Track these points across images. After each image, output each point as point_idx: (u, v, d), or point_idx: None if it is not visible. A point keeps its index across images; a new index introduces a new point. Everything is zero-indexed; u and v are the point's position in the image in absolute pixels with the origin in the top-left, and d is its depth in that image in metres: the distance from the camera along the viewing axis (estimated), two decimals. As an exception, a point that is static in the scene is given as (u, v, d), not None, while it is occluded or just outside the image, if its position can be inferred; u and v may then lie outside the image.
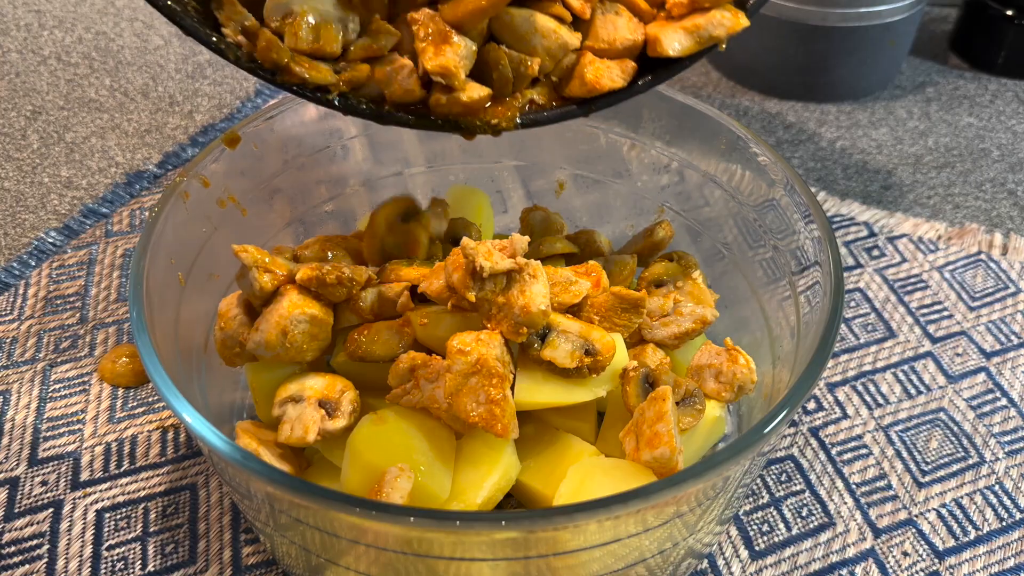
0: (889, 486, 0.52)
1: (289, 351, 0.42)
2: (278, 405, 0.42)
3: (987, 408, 0.57)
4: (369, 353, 0.43)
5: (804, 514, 0.51)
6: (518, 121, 0.41)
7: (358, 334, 0.43)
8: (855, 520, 0.51)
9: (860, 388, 0.58)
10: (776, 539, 0.50)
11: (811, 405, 0.57)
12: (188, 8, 0.38)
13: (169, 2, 0.38)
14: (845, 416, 0.56)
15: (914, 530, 0.50)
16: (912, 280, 0.65)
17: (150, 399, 0.56)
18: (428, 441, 0.40)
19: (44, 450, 0.53)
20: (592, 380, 0.43)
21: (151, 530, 0.49)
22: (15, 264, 0.65)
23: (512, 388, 0.42)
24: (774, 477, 0.53)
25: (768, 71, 0.85)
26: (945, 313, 0.63)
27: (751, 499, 0.52)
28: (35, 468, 0.52)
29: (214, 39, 0.38)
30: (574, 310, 0.45)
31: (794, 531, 0.50)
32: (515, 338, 0.41)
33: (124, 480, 0.52)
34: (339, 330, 0.45)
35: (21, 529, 0.49)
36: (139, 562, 0.48)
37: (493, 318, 0.41)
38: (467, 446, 0.41)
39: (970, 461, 0.54)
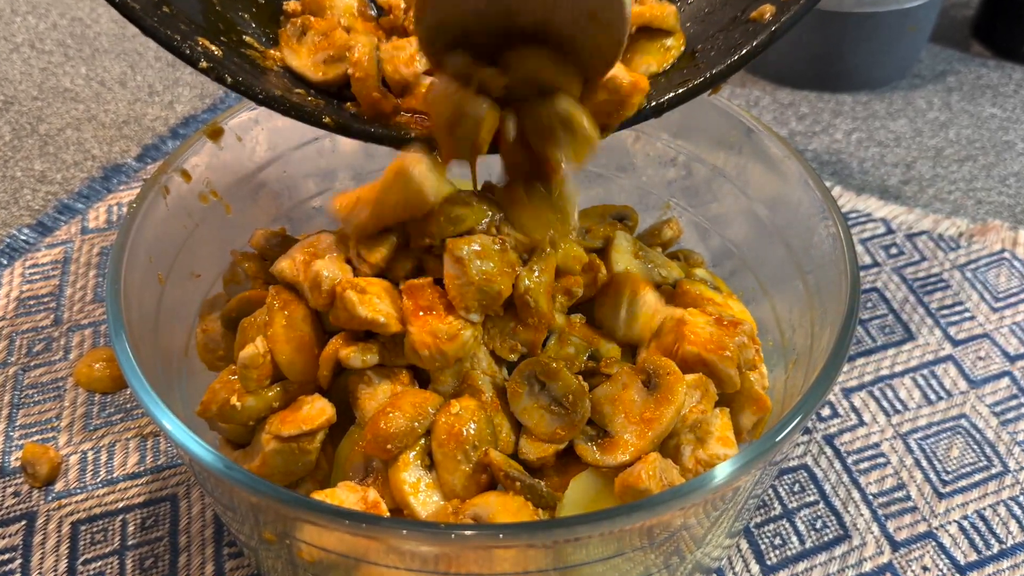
0: (908, 497, 0.52)
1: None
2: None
3: (1011, 415, 0.57)
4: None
5: (818, 526, 0.51)
6: None
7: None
8: (872, 533, 0.51)
9: (877, 393, 0.58)
10: (789, 553, 0.50)
11: (825, 411, 0.57)
12: (151, 7, 0.37)
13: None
14: (861, 423, 0.56)
15: (934, 543, 0.50)
16: (932, 279, 0.65)
17: (128, 405, 0.56)
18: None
19: (16, 459, 0.53)
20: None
21: (129, 543, 0.49)
22: (-15, 263, 0.65)
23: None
24: (787, 487, 0.53)
25: (781, 59, 0.85)
26: (967, 314, 0.63)
27: (762, 511, 0.52)
28: (7, 478, 0.52)
29: (176, 41, 0.37)
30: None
31: (808, 544, 0.50)
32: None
33: (101, 491, 0.52)
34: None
35: (-8, 543, 0.49)
36: (116, 577, 0.48)
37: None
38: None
39: (993, 471, 0.54)
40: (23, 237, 0.67)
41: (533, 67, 0.38)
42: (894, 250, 0.67)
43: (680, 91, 0.41)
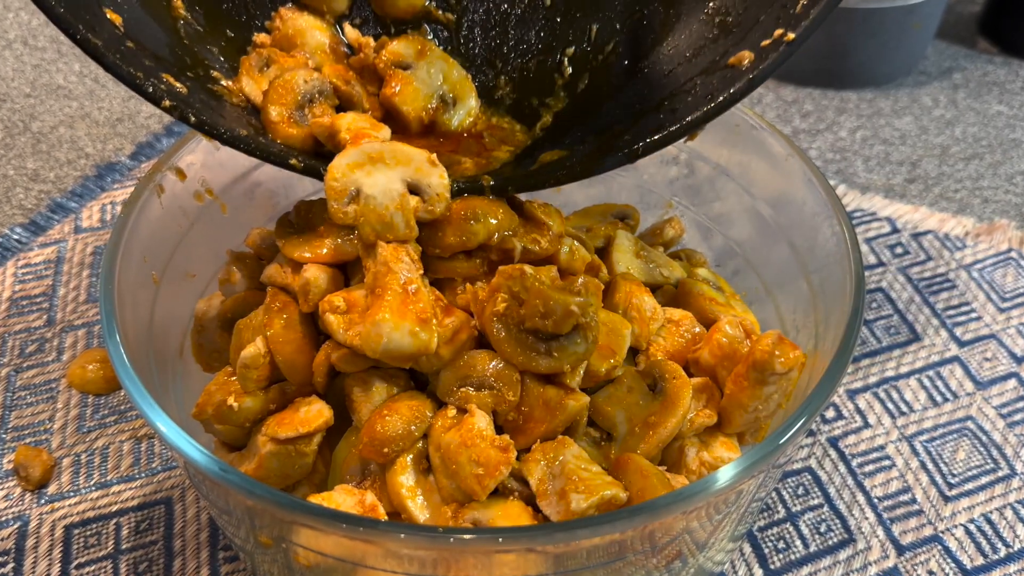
0: (913, 500, 0.52)
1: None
2: None
3: (1018, 416, 0.57)
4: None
5: (823, 530, 0.51)
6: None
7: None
8: (877, 536, 0.51)
9: (882, 395, 0.58)
10: (793, 557, 0.50)
11: (830, 413, 0.57)
12: (114, 43, 0.37)
13: (90, 35, 0.36)
14: (866, 425, 0.56)
15: (940, 547, 0.50)
16: (938, 279, 0.65)
17: (122, 407, 0.56)
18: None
19: (8, 462, 0.53)
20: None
21: (123, 547, 0.49)
22: (-23, 262, 0.65)
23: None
24: (790, 490, 0.53)
25: (784, 56, 0.84)
26: (973, 315, 0.63)
27: (766, 514, 0.52)
28: (-1, 481, 0.52)
29: (139, 79, 0.37)
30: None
31: (812, 548, 0.50)
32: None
33: (94, 494, 0.52)
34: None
35: (-16, 547, 0.49)
36: (110, 582, 0.48)
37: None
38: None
39: (1000, 473, 0.54)
40: (15, 236, 0.67)
41: None
42: (899, 249, 0.67)
43: (655, 137, 0.41)
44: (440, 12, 0.46)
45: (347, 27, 0.45)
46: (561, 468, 0.38)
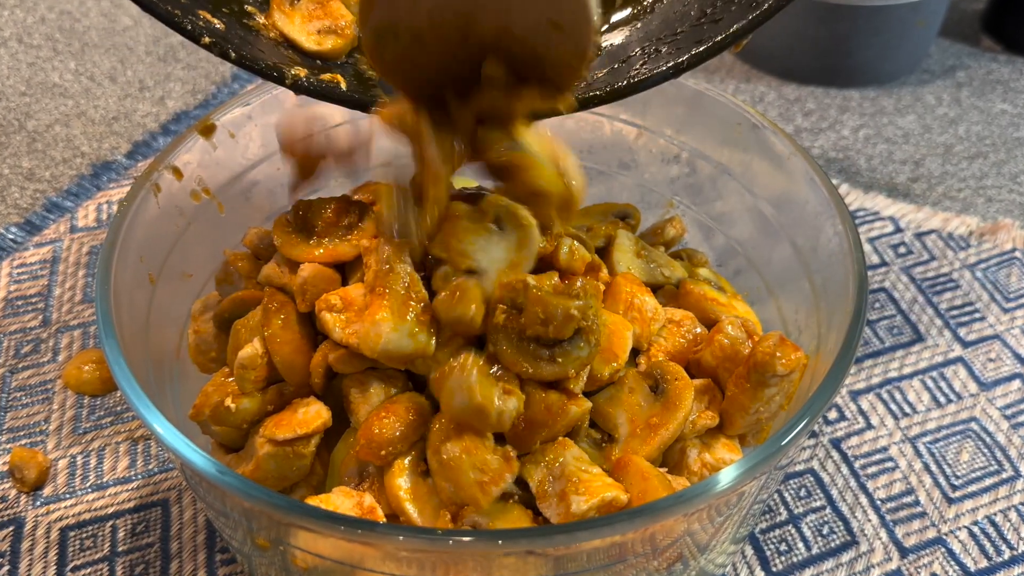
0: (917, 502, 0.52)
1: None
2: None
3: (1022, 418, 0.57)
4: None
5: (825, 532, 0.51)
6: None
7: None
8: (880, 539, 0.51)
9: (885, 396, 0.58)
10: (795, 559, 0.50)
11: (832, 414, 0.57)
12: None
13: None
14: (869, 426, 0.56)
15: (944, 549, 0.50)
16: (941, 279, 0.65)
17: (118, 408, 0.56)
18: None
19: (3, 463, 0.53)
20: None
21: (119, 550, 0.49)
22: (-28, 262, 0.65)
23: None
24: (793, 492, 0.53)
25: (787, 54, 0.85)
26: (977, 315, 0.63)
27: (768, 516, 0.52)
28: (-6, 483, 0.52)
29: (177, 16, 0.36)
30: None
31: (814, 550, 0.50)
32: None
33: (90, 496, 0.52)
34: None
35: (-21, 549, 0.49)
36: (106, 585, 0.48)
37: None
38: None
39: (1004, 475, 0.54)
40: (11, 236, 0.67)
41: (487, 103, 0.37)
42: (902, 249, 0.67)
43: (700, 50, 0.39)
44: None
45: None
46: (561, 470, 0.38)
